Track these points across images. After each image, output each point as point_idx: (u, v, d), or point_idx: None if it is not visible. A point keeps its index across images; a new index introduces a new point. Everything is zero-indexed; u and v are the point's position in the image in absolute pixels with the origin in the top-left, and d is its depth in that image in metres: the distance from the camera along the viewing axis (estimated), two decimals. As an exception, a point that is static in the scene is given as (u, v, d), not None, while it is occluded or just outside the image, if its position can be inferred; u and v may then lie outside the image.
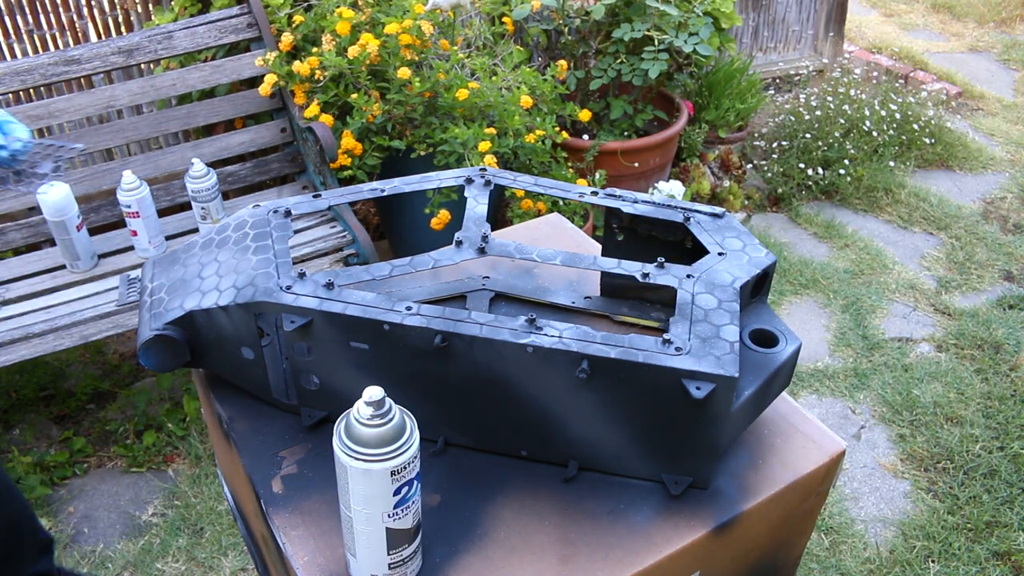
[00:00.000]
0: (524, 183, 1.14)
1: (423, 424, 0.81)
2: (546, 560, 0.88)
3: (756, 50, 4.07)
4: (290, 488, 0.95)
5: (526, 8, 2.87)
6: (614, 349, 0.87)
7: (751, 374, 0.93)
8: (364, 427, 0.74)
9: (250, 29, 2.52)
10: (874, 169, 3.53)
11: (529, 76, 2.60)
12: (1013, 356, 2.66)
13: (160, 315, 0.99)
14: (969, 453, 2.31)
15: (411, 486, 0.78)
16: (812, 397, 2.53)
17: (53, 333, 2.03)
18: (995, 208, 3.48)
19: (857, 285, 3.00)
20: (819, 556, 2.04)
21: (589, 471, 0.98)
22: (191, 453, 2.28)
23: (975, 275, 3.07)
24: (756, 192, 3.46)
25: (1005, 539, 2.07)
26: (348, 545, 0.83)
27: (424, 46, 2.48)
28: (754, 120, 3.83)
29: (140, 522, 2.12)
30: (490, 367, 0.90)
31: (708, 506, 0.94)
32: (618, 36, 2.86)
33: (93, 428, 2.37)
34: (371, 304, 0.92)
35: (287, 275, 0.96)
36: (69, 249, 2.20)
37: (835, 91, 3.63)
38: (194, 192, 2.26)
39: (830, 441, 1.03)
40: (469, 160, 2.35)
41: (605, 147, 2.94)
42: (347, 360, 0.95)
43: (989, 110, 4.26)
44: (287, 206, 1.08)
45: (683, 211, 1.10)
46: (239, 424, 1.04)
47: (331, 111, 2.49)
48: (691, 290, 0.96)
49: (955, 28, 5.21)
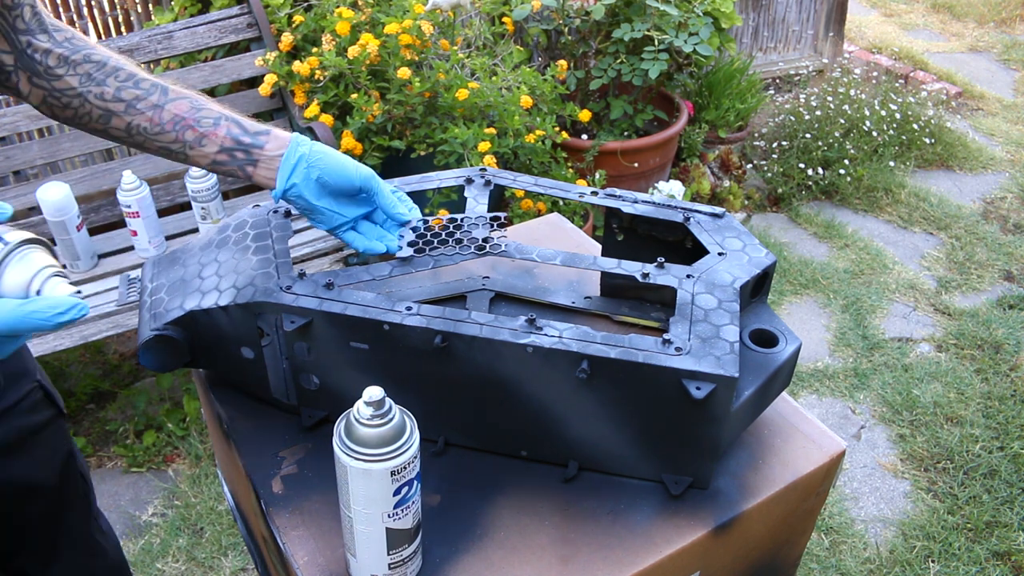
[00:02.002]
0: (524, 183, 1.14)
1: (423, 424, 0.81)
2: (546, 560, 0.88)
3: (756, 50, 4.07)
4: (290, 488, 0.95)
5: (526, 8, 2.87)
6: (614, 349, 0.87)
7: (751, 374, 0.93)
8: (364, 427, 0.74)
9: (250, 29, 2.52)
10: (874, 169, 3.53)
11: (529, 76, 2.60)
12: (1013, 356, 2.66)
13: (160, 315, 0.99)
14: (969, 453, 2.31)
15: (411, 486, 0.78)
16: (812, 397, 2.53)
17: (53, 333, 2.03)
18: (995, 208, 3.48)
19: (857, 285, 3.00)
20: (819, 556, 2.04)
21: (589, 471, 0.98)
22: (191, 453, 2.28)
23: (975, 275, 3.07)
24: (756, 192, 3.46)
25: (1005, 539, 2.07)
26: (348, 545, 0.83)
27: (424, 46, 2.48)
28: (754, 120, 3.83)
29: (140, 522, 2.12)
30: (490, 367, 0.90)
31: (708, 506, 0.94)
32: (618, 36, 2.86)
33: (93, 428, 2.37)
34: (371, 304, 0.92)
35: (287, 275, 0.96)
36: (69, 249, 2.20)
37: (835, 91, 3.63)
38: (194, 192, 2.26)
39: (830, 441, 1.03)
40: (469, 160, 2.35)
41: (605, 147, 2.94)
42: (347, 360, 0.95)
43: (989, 110, 4.26)
44: (287, 206, 1.08)
45: (683, 211, 1.10)
46: (239, 424, 1.04)
47: (331, 111, 2.49)
48: (691, 290, 0.96)
49: (955, 28, 5.21)
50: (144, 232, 2.23)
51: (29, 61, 0.96)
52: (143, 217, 2.21)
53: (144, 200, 2.19)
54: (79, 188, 2.30)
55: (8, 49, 0.95)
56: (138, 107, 0.97)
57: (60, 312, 0.76)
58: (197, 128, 0.97)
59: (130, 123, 0.97)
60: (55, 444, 1.15)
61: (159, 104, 0.97)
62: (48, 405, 1.13)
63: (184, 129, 0.97)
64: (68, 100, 0.97)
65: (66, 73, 0.96)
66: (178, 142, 0.98)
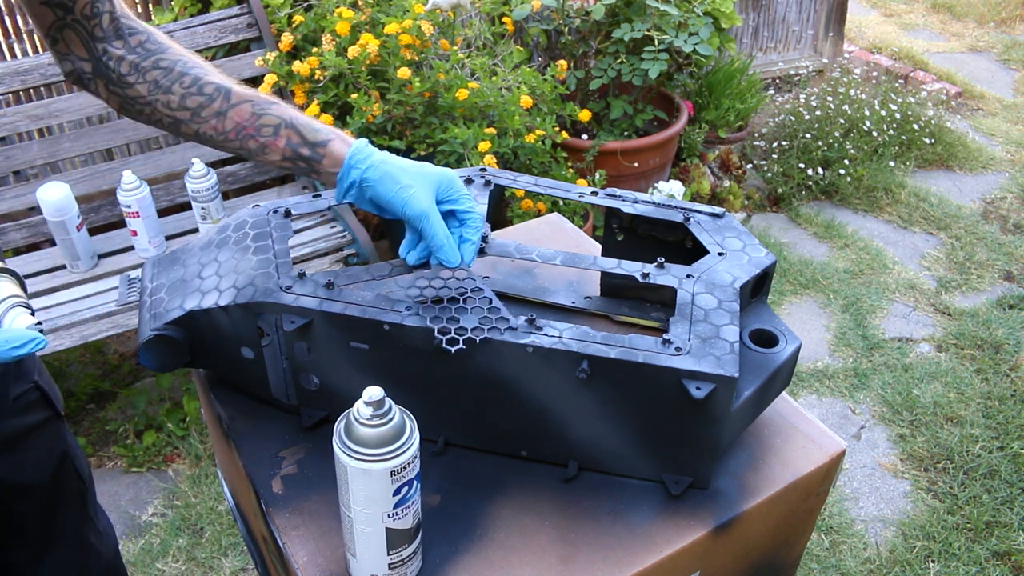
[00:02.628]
0: (524, 183, 1.14)
1: (423, 424, 0.80)
2: (546, 560, 0.88)
3: (756, 50, 4.07)
4: (290, 488, 0.95)
5: (526, 8, 2.87)
6: (614, 349, 0.87)
7: (751, 374, 0.93)
8: (364, 427, 0.74)
9: (250, 29, 2.52)
10: (874, 169, 3.53)
11: (529, 76, 2.60)
12: (1013, 356, 2.66)
13: (160, 315, 0.99)
14: (969, 453, 2.31)
15: (411, 486, 0.78)
16: (812, 397, 2.53)
17: (53, 333, 2.03)
18: (995, 208, 3.48)
19: (857, 285, 3.00)
20: (819, 556, 2.04)
21: (589, 471, 0.98)
22: (191, 453, 2.28)
23: (975, 275, 3.07)
24: (756, 192, 3.46)
25: (1005, 539, 2.07)
26: (348, 545, 0.83)
27: (424, 46, 2.48)
28: (754, 120, 3.83)
29: (140, 522, 2.12)
30: (490, 367, 0.90)
31: (708, 506, 0.94)
32: (618, 36, 2.86)
33: (93, 428, 2.37)
34: (371, 304, 0.92)
35: (287, 275, 0.96)
36: (69, 249, 2.20)
37: (835, 91, 3.63)
38: (194, 192, 2.26)
39: (830, 441, 1.03)
40: (469, 160, 2.35)
41: (605, 147, 2.94)
42: (347, 360, 0.95)
43: (989, 110, 4.26)
44: (287, 206, 1.08)
45: (683, 211, 1.10)
46: (239, 424, 1.04)
47: (331, 111, 2.49)
48: (691, 290, 0.96)
49: (955, 28, 5.21)
50: (144, 232, 2.24)
51: (105, 69, 0.95)
52: (143, 217, 2.21)
53: (144, 200, 2.19)
54: (79, 188, 2.30)
55: (87, 57, 0.95)
56: (202, 115, 0.96)
57: (16, 346, 0.76)
58: (258, 138, 0.97)
59: (197, 130, 0.97)
60: (49, 445, 1.15)
61: (221, 111, 0.96)
62: (44, 407, 1.12)
63: (247, 139, 0.97)
64: (141, 108, 0.97)
65: (136, 81, 0.96)
66: (244, 149, 0.98)
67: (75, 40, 0.94)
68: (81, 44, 0.94)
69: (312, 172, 0.98)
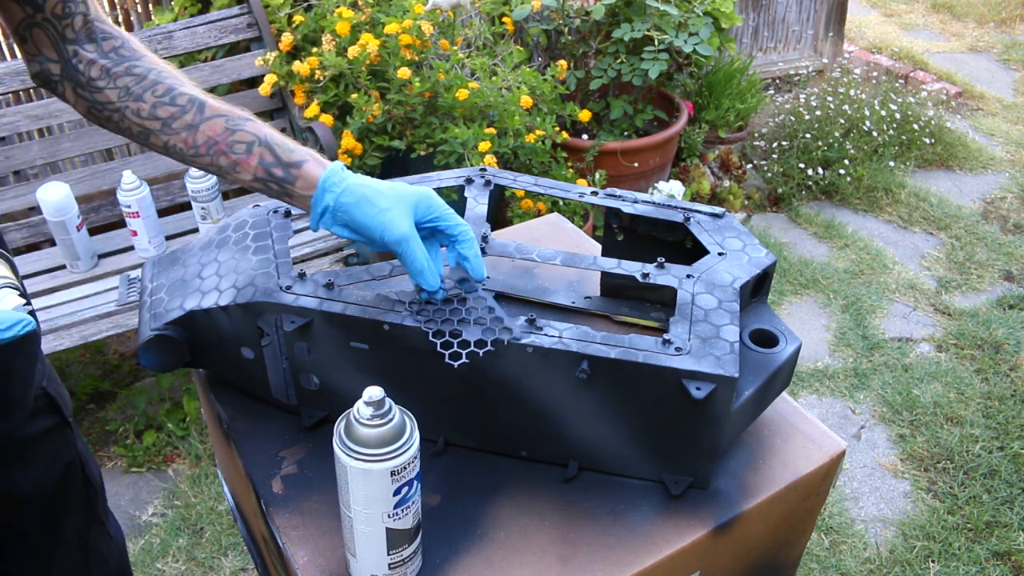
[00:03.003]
0: (524, 183, 1.14)
1: (423, 424, 0.80)
2: (546, 560, 0.88)
3: (756, 50, 4.07)
4: (290, 488, 0.95)
5: (526, 8, 2.87)
6: (614, 349, 0.87)
7: (751, 374, 0.93)
8: (364, 427, 0.74)
9: (250, 29, 2.52)
10: (874, 169, 3.53)
11: (529, 76, 2.60)
12: (1013, 356, 2.66)
13: (160, 315, 0.99)
14: (969, 453, 2.31)
15: (411, 486, 0.78)
16: (812, 397, 2.53)
17: (53, 333, 2.03)
18: (995, 208, 3.48)
19: (857, 285, 3.00)
20: (819, 556, 2.04)
21: (589, 471, 0.98)
22: (191, 453, 2.28)
23: (975, 275, 3.07)
24: (756, 192, 3.46)
25: (1005, 539, 2.07)
26: (348, 545, 0.83)
27: (424, 46, 2.48)
28: (754, 120, 3.83)
29: (140, 522, 2.12)
30: (490, 367, 0.90)
31: (708, 506, 0.94)
32: (618, 36, 2.86)
33: (93, 428, 2.37)
34: (371, 304, 0.92)
35: (287, 275, 0.96)
36: (69, 249, 2.20)
37: (835, 91, 3.63)
38: (194, 192, 2.26)
39: (830, 441, 1.03)
40: (469, 160, 2.35)
41: (605, 147, 2.94)
42: (347, 360, 0.95)
43: (989, 110, 4.26)
44: (287, 206, 1.08)
45: (683, 211, 1.10)
46: (239, 424, 1.04)
47: (331, 111, 2.49)
48: (691, 290, 0.96)
49: (955, 28, 5.21)
50: (144, 232, 2.23)
51: (74, 72, 0.93)
52: (143, 217, 2.21)
53: (144, 200, 2.19)
54: (79, 188, 2.30)
55: (55, 59, 0.93)
56: (173, 126, 0.92)
57: (3, 328, 0.74)
58: (230, 155, 0.92)
59: (167, 143, 0.94)
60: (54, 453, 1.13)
61: (194, 124, 0.92)
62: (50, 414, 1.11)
63: (218, 155, 0.93)
64: (109, 113, 0.95)
65: (106, 86, 0.93)
66: (214, 166, 0.94)
67: (44, 40, 0.92)
68: (50, 44, 0.92)
69: (285, 195, 0.93)
